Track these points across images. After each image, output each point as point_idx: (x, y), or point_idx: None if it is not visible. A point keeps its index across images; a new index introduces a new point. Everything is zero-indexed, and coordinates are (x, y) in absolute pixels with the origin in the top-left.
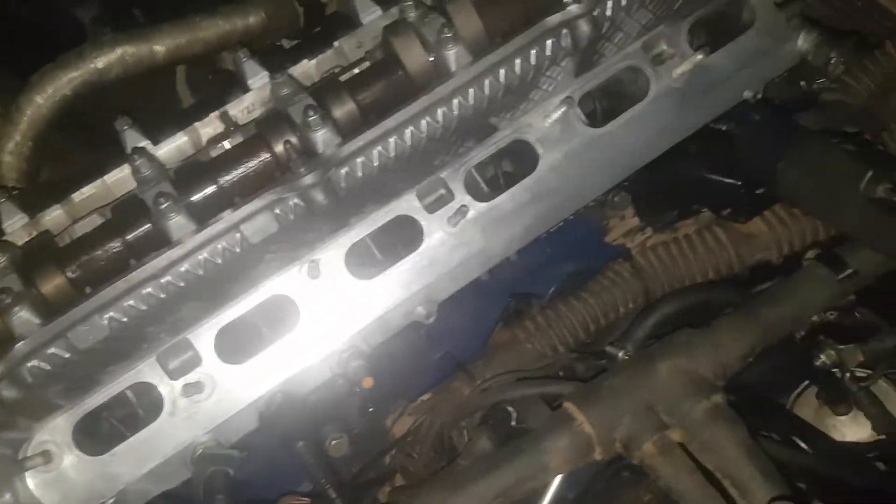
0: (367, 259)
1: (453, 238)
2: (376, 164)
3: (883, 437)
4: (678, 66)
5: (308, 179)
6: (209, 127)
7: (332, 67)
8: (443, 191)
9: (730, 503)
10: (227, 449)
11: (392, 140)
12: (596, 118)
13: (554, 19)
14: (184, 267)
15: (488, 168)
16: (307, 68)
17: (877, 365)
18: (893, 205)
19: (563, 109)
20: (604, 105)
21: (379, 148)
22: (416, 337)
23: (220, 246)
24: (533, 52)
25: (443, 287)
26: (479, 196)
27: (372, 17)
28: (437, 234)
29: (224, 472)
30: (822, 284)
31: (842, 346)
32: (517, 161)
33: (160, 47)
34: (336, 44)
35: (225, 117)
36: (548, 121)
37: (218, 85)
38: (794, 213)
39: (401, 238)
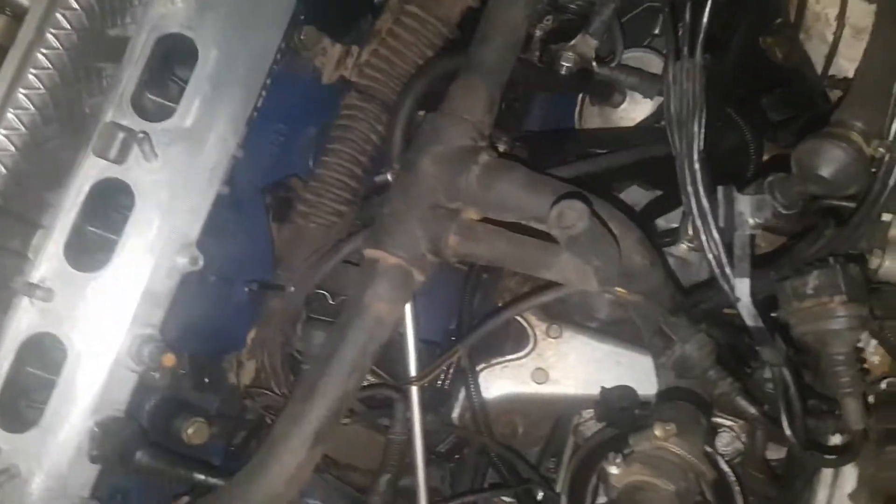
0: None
1: (161, 171)
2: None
3: None
4: None
5: None
6: None
7: None
8: (121, 134)
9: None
10: None
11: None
12: None
13: None
14: None
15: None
16: None
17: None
18: None
19: None
20: None
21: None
22: (203, 286)
23: None
24: None
25: (187, 225)
26: (159, 115)
27: None
28: (144, 179)
29: None
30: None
31: (571, 42)
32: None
33: None
34: None
35: None
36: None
37: None
38: None
39: (113, 205)
